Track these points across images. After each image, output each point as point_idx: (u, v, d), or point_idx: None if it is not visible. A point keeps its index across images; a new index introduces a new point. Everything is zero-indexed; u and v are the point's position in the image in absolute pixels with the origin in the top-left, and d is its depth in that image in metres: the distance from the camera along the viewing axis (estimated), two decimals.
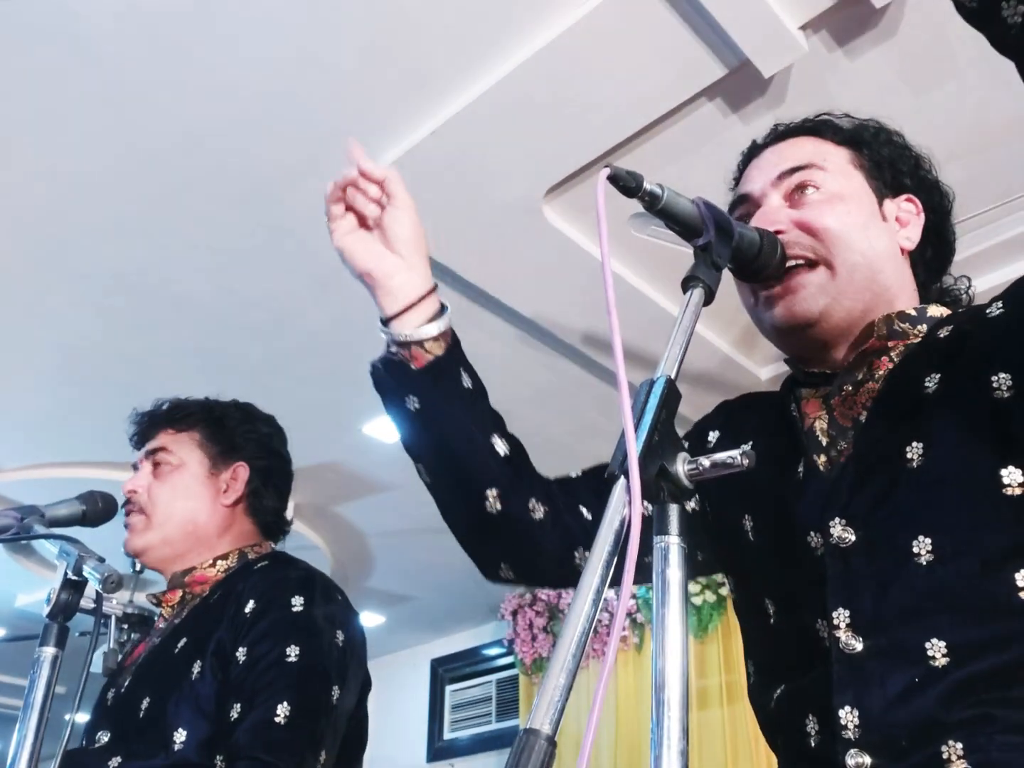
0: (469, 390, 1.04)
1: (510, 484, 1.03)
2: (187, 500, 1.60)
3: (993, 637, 0.80)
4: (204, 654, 1.42)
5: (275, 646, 1.39)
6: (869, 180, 1.04)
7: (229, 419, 1.69)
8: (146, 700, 1.43)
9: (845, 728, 0.82)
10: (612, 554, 0.61)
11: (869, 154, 1.05)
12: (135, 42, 2.07)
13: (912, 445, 0.87)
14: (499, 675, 5.24)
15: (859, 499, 0.89)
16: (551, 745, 0.53)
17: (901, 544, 0.85)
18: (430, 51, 2.11)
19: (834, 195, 1.00)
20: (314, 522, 4.26)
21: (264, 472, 1.67)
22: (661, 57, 2.07)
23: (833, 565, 0.88)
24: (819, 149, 1.05)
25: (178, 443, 1.64)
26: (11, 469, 3.81)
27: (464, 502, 1.04)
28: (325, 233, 1.14)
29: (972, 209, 2.49)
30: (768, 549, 0.97)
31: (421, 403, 1.02)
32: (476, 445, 1.03)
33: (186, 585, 1.57)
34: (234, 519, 1.64)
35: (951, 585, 0.82)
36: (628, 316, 2.79)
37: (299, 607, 1.44)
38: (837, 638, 0.85)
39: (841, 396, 0.97)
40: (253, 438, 1.69)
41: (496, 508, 1.01)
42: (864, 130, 1.07)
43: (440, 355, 1.04)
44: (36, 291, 2.85)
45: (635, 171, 0.82)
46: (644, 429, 0.68)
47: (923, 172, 1.08)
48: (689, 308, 0.81)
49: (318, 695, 1.39)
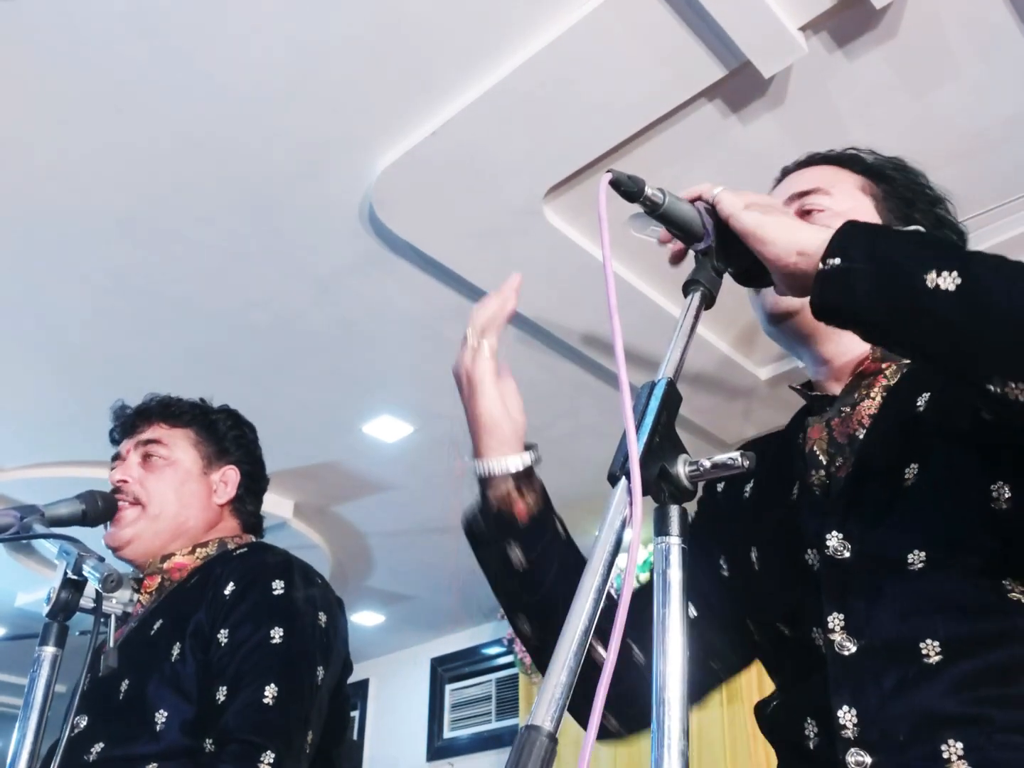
0: (564, 539, 1.02)
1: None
2: (182, 496, 1.62)
3: (985, 634, 0.81)
4: (183, 635, 1.43)
5: (258, 629, 1.40)
6: (878, 207, 1.06)
7: (220, 423, 1.73)
8: (125, 682, 1.43)
9: (844, 728, 0.82)
10: (613, 555, 0.62)
11: (883, 184, 1.07)
12: (135, 43, 2.07)
13: (907, 464, 0.89)
14: (499, 674, 5.24)
15: (855, 515, 0.91)
16: (552, 741, 0.54)
17: (895, 557, 0.86)
18: (430, 51, 2.11)
19: (838, 214, 1.02)
20: (314, 522, 4.26)
21: (249, 477, 1.72)
22: (661, 58, 2.07)
23: (828, 574, 0.89)
24: (833, 176, 1.07)
25: (173, 438, 1.66)
26: (11, 469, 3.81)
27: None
28: (325, 233, 1.13)
29: (972, 209, 2.49)
30: (773, 573, 0.99)
31: (527, 559, 0.98)
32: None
33: (165, 571, 1.59)
34: (221, 518, 1.68)
35: (943, 588, 0.84)
36: (627, 316, 2.79)
37: (280, 590, 1.45)
38: (832, 641, 0.86)
39: (840, 417, 0.99)
40: (242, 443, 1.73)
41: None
42: (886, 163, 1.10)
43: (542, 507, 1.01)
44: (36, 291, 2.85)
45: (636, 176, 0.83)
46: (645, 431, 0.68)
47: (941, 210, 1.09)
48: (690, 312, 0.81)
49: (304, 676, 1.40)
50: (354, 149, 2.36)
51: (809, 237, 0.82)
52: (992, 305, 0.73)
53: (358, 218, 2.59)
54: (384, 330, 3.05)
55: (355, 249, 2.70)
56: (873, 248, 0.78)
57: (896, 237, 0.80)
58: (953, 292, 0.73)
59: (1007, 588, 0.82)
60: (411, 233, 2.61)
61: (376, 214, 2.53)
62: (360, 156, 2.38)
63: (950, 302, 0.74)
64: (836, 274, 0.78)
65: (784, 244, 0.83)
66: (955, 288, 0.74)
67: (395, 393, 3.42)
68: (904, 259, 0.77)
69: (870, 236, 0.80)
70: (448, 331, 3.01)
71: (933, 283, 0.74)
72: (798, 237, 0.82)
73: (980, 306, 0.73)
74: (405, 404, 3.48)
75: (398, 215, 2.54)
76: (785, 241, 0.83)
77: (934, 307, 0.74)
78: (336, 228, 2.62)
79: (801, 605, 0.93)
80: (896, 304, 0.77)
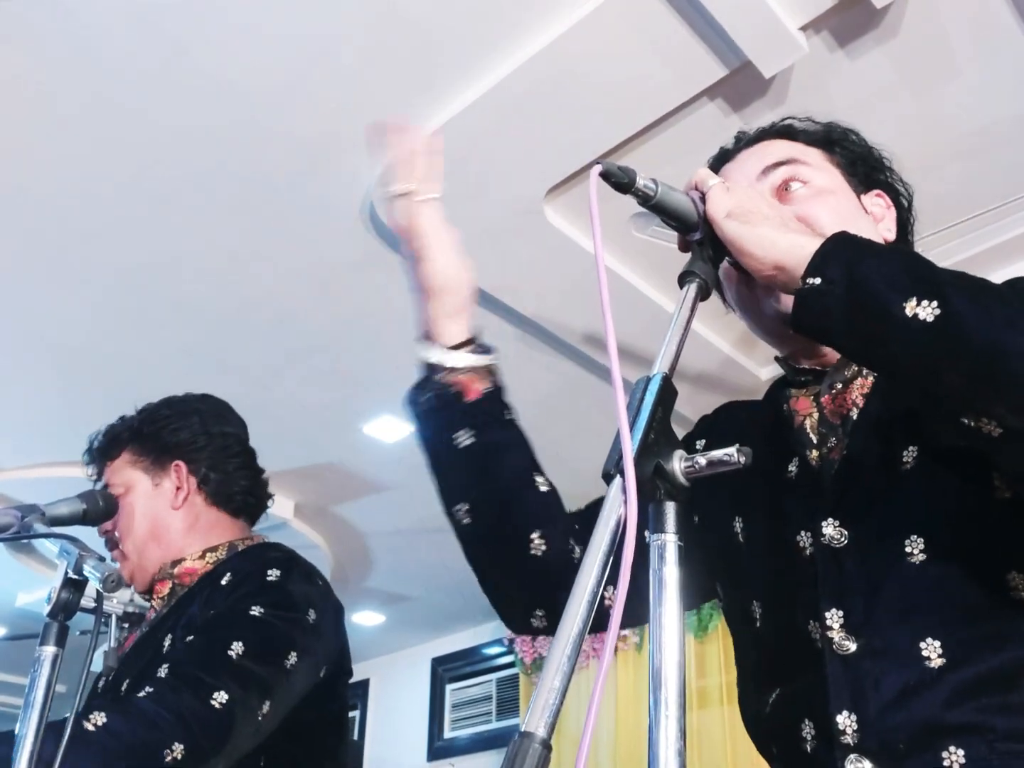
0: (514, 422, 0.99)
1: (552, 525, 0.97)
2: (143, 519, 1.59)
3: (986, 636, 0.80)
4: (176, 628, 1.44)
5: (243, 604, 1.39)
6: (846, 176, 1.05)
7: (150, 424, 1.65)
8: (127, 682, 1.44)
9: (844, 733, 0.81)
10: (608, 555, 0.61)
11: (841, 152, 1.06)
12: (136, 44, 2.07)
13: (905, 447, 0.87)
14: (499, 674, 5.24)
15: (851, 498, 0.89)
16: (546, 749, 0.53)
17: (893, 543, 0.84)
18: (431, 51, 2.11)
19: (822, 189, 1.00)
20: (314, 522, 4.26)
21: (206, 460, 1.63)
22: (662, 57, 2.07)
23: (824, 565, 0.87)
24: (795, 148, 1.05)
25: (116, 472, 1.64)
26: (11, 469, 3.81)
27: (505, 546, 0.97)
28: (326, 232, 1.12)
29: (972, 210, 2.49)
30: (757, 549, 0.96)
31: (476, 439, 0.95)
32: (523, 483, 0.97)
33: (175, 576, 1.58)
34: (196, 514, 1.62)
35: (943, 584, 0.82)
36: (627, 315, 2.79)
37: (274, 578, 1.44)
38: (830, 639, 0.85)
39: (831, 394, 0.96)
40: (182, 435, 1.64)
41: (540, 551, 0.95)
42: (832, 131, 1.08)
43: (491, 387, 0.98)
44: (36, 291, 2.85)
45: (628, 167, 0.81)
46: (640, 427, 0.67)
47: (888, 168, 1.09)
48: (685, 303, 0.80)
49: (273, 651, 1.36)
50: (354, 148, 2.36)
51: (787, 251, 0.81)
52: (968, 340, 0.72)
53: (358, 217, 2.59)
54: (384, 330, 3.05)
55: (355, 248, 2.70)
56: (852, 270, 0.77)
57: (877, 258, 0.78)
58: (931, 324, 0.73)
59: (1010, 584, 0.81)
60: None
61: (377, 213, 2.53)
62: (360, 155, 2.38)
63: (927, 334, 0.73)
64: (814, 295, 0.78)
65: (762, 258, 0.82)
66: (933, 319, 0.73)
67: (395, 393, 3.38)
68: (883, 284, 0.76)
69: (850, 256, 0.78)
70: None
71: (912, 312, 0.73)
72: (776, 252, 0.81)
73: (955, 340, 0.72)
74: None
75: None
76: (763, 255, 0.82)
77: (909, 337, 0.74)
78: (336, 227, 2.62)
79: (787, 590, 0.91)
80: (871, 330, 0.76)
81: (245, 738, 1.30)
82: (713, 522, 1.02)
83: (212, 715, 1.25)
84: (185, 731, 1.22)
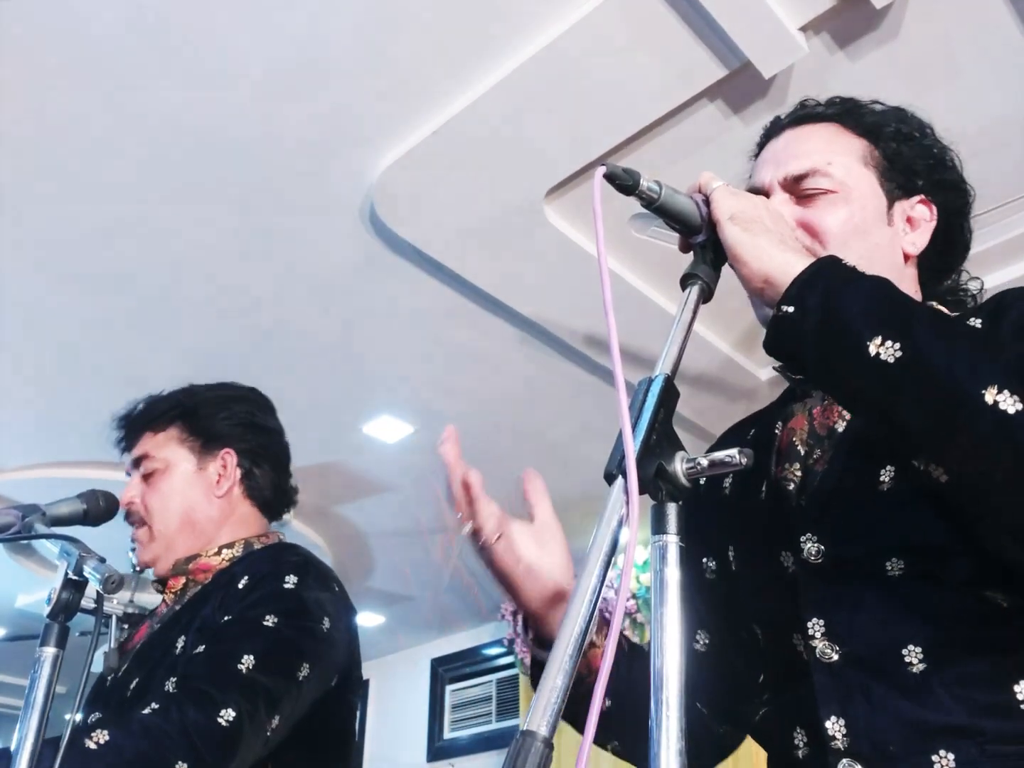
0: (632, 651, 1.00)
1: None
2: (181, 502, 1.56)
3: (968, 641, 0.80)
4: (189, 630, 1.42)
5: (253, 609, 1.37)
6: (881, 180, 1.01)
7: (204, 407, 1.61)
8: (136, 680, 1.42)
9: (834, 738, 0.82)
10: (609, 556, 0.61)
11: (884, 151, 1.02)
12: (137, 45, 2.07)
13: (883, 466, 0.86)
14: (499, 675, 5.24)
15: (830, 517, 0.89)
16: (547, 747, 0.53)
17: (871, 560, 0.84)
18: (432, 51, 2.11)
19: (840, 198, 0.98)
20: (314, 522, 4.26)
21: (252, 453, 1.61)
22: (662, 58, 2.07)
23: (806, 580, 0.88)
24: (831, 145, 1.02)
25: (159, 446, 1.60)
26: (11, 469, 3.81)
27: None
28: (326, 233, 1.12)
29: (972, 210, 2.49)
30: (747, 573, 0.97)
31: (613, 702, 0.96)
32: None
33: (190, 572, 1.56)
34: (232, 507, 1.60)
35: (923, 597, 0.82)
36: (628, 316, 2.79)
37: (291, 584, 1.41)
38: (813, 648, 0.85)
39: (823, 405, 0.97)
40: (234, 422, 1.61)
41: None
42: (886, 124, 1.04)
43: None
44: (36, 291, 2.85)
45: (632, 169, 0.81)
46: (642, 428, 0.67)
47: (942, 173, 1.04)
48: (687, 306, 0.80)
49: (285, 663, 1.34)
50: (355, 149, 2.36)
51: (779, 267, 0.82)
52: (925, 387, 0.73)
53: (359, 218, 2.59)
54: (384, 330, 3.05)
55: (356, 249, 2.70)
56: (828, 301, 0.78)
57: (854, 291, 0.78)
58: (891, 364, 0.73)
59: (988, 597, 0.81)
60: (412, 233, 2.61)
61: (377, 214, 2.53)
62: (361, 156, 2.38)
63: (885, 375, 0.74)
64: (788, 322, 0.79)
65: (755, 268, 0.83)
66: (893, 361, 0.73)
67: (395, 393, 3.42)
68: (853, 319, 0.76)
69: (830, 285, 0.79)
70: (448, 331, 3.01)
71: (875, 350, 0.74)
72: (769, 266, 0.82)
73: (912, 385, 0.73)
74: (405, 404, 3.47)
75: (399, 215, 2.54)
76: (756, 266, 0.83)
77: (868, 376, 0.75)
78: (337, 228, 2.62)
79: (778, 610, 0.91)
80: (836, 364, 0.78)
81: (253, 752, 1.29)
82: (720, 565, 1.02)
83: (218, 732, 1.23)
84: (189, 748, 1.21)
